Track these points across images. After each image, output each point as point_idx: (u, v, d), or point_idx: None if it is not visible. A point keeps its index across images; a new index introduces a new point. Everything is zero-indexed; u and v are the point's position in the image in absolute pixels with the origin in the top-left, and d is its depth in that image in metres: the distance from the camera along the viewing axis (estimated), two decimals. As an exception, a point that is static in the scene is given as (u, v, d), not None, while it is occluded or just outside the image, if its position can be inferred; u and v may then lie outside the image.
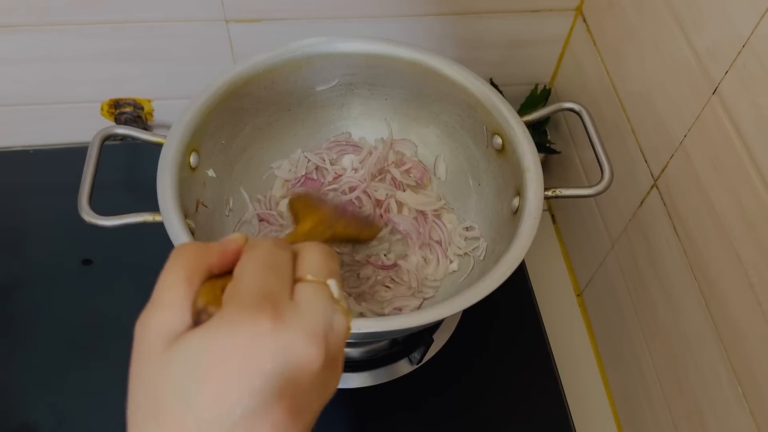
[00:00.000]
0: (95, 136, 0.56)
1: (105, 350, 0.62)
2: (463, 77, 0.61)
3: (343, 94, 0.68)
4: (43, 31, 0.74)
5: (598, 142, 0.59)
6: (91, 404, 0.60)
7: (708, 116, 0.56)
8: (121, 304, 0.65)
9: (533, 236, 0.52)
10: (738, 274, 0.53)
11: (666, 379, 0.66)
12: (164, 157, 0.54)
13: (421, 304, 0.61)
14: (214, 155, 0.61)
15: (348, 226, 0.56)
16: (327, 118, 0.70)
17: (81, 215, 0.51)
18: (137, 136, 0.57)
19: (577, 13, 0.81)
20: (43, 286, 0.66)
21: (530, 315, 0.68)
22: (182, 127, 0.55)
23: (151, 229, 0.52)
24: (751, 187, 0.51)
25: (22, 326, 0.64)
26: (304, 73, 0.63)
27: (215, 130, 0.60)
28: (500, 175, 0.62)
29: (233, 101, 0.60)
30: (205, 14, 0.74)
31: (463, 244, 0.64)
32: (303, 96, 0.66)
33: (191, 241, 0.45)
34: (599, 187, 0.56)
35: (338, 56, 0.63)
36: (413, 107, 0.68)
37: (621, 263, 0.75)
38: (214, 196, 0.61)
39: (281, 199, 0.67)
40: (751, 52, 0.50)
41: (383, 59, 0.63)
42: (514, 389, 0.63)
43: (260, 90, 0.62)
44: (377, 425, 0.60)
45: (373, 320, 0.48)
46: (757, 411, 0.52)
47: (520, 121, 0.59)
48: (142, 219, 0.52)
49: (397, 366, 0.63)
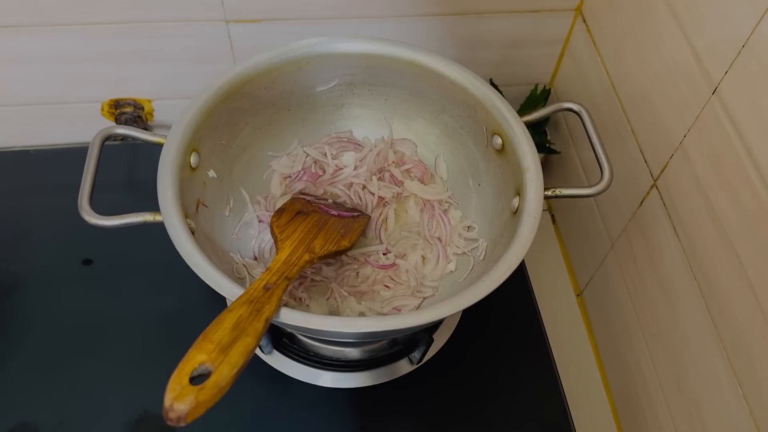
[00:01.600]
0: (95, 136, 0.56)
1: (105, 350, 0.62)
2: (462, 77, 0.61)
3: (343, 94, 0.68)
4: (44, 31, 0.74)
5: (598, 142, 0.59)
6: (91, 404, 0.60)
7: (708, 116, 0.56)
8: (121, 304, 0.65)
9: (533, 236, 0.52)
10: (738, 274, 0.53)
11: (666, 379, 0.66)
12: (164, 157, 0.54)
13: (420, 303, 0.61)
14: (214, 155, 0.61)
15: (326, 241, 0.58)
16: (327, 118, 0.70)
17: (82, 215, 0.51)
18: (137, 136, 0.57)
19: (576, 13, 0.81)
20: (43, 286, 0.66)
21: (530, 315, 0.68)
22: (182, 127, 0.56)
23: (151, 229, 0.52)
24: (751, 187, 0.51)
25: (22, 326, 0.64)
26: (304, 74, 0.63)
27: (215, 130, 0.60)
28: (500, 175, 0.62)
29: (233, 101, 0.60)
30: (206, 14, 0.74)
31: (462, 244, 0.64)
32: (303, 96, 0.66)
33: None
34: (599, 187, 0.56)
35: (338, 56, 0.63)
36: (413, 107, 0.68)
37: (621, 263, 0.75)
38: (215, 196, 0.61)
39: (280, 198, 0.67)
40: (751, 52, 0.50)
41: (383, 59, 0.63)
42: (514, 389, 0.63)
43: (260, 90, 0.62)
44: (377, 425, 0.60)
45: (373, 319, 0.48)
46: (756, 411, 0.52)
47: (519, 121, 0.59)
48: (142, 219, 0.52)
49: (397, 366, 0.63)
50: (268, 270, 0.52)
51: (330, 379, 0.62)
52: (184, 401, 0.38)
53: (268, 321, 0.46)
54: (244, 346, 0.43)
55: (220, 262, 0.56)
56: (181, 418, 0.38)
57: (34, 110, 0.84)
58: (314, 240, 0.58)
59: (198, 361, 0.41)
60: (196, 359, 0.41)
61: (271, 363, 0.62)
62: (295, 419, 0.60)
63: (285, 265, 0.53)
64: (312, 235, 0.59)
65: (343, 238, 0.60)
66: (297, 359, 0.62)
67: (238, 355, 0.42)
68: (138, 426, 0.59)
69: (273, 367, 0.62)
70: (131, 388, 0.60)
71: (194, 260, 0.48)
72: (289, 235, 0.58)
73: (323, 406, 0.61)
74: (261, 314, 0.46)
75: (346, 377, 0.62)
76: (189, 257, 0.48)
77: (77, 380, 0.61)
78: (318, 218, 0.62)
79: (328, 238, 0.59)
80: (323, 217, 0.62)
